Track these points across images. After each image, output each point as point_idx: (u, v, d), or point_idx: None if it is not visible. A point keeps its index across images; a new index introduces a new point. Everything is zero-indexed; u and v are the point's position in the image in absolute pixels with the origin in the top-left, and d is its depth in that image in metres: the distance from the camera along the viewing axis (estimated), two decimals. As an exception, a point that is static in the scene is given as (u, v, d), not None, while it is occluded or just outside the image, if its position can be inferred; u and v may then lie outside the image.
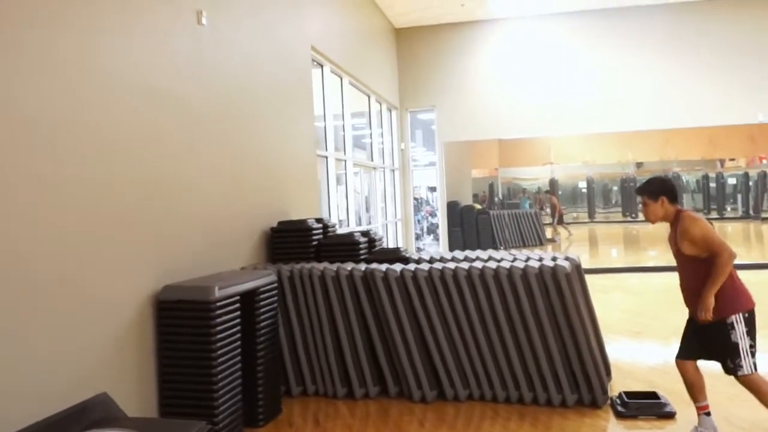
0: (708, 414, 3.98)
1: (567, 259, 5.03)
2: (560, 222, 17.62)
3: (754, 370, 3.74)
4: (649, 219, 4.09)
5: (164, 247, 4.24)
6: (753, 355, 3.75)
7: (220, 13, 5.14)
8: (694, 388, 3.99)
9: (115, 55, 3.79)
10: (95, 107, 3.58)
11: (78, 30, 3.47)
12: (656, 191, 4.01)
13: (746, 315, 3.76)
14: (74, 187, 3.38)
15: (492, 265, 4.91)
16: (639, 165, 19.76)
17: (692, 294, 3.91)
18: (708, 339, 3.87)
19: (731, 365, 3.76)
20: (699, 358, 3.97)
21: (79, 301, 3.39)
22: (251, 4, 5.86)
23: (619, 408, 4.51)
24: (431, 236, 17.38)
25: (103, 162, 3.63)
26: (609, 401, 4.71)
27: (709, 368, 3.97)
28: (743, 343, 3.73)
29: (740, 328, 3.74)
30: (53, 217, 3.23)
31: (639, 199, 4.18)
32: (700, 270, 3.82)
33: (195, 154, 4.68)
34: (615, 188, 20.36)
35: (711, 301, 3.71)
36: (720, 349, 3.80)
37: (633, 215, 19.37)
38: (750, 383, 3.77)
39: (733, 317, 3.74)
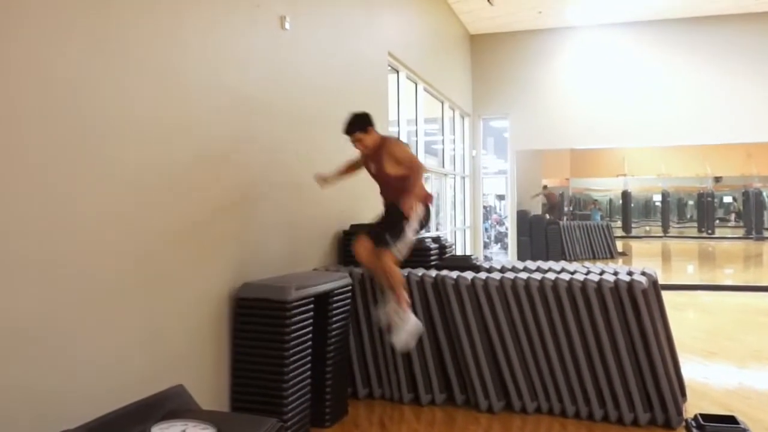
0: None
1: (644, 273, 4.91)
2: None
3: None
4: (367, 150, 4.70)
5: (244, 246, 4.35)
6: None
7: (301, 19, 5.24)
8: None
9: (201, 56, 3.92)
10: (181, 109, 3.72)
11: (165, 32, 3.61)
12: (364, 124, 4.61)
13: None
14: (161, 189, 3.52)
15: (565, 277, 4.84)
16: (717, 179, 19.02)
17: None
18: None
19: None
20: None
21: (162, 296, 3.53)
22: (332, 11, 5.97)
23: (695, 431, 4.37)
24: (498, 245, 17.19)
25: (190, 164, 3.77)
26: (684, 423, 4.56)
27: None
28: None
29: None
30: (139, 217, 3.35)
31: (350, 138, 4.67)
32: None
33: (274, 155, 4.79)
34: (691, 202, 19.65)
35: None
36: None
37: (709, 231, 18.66)
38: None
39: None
